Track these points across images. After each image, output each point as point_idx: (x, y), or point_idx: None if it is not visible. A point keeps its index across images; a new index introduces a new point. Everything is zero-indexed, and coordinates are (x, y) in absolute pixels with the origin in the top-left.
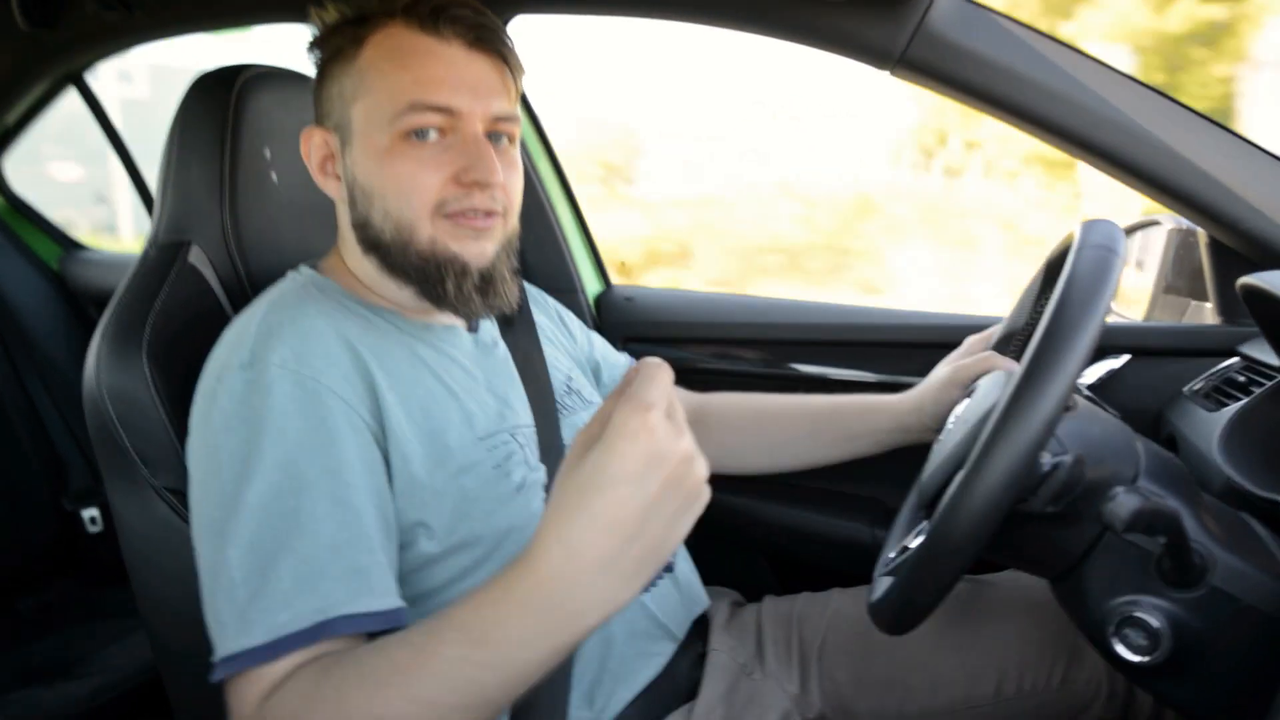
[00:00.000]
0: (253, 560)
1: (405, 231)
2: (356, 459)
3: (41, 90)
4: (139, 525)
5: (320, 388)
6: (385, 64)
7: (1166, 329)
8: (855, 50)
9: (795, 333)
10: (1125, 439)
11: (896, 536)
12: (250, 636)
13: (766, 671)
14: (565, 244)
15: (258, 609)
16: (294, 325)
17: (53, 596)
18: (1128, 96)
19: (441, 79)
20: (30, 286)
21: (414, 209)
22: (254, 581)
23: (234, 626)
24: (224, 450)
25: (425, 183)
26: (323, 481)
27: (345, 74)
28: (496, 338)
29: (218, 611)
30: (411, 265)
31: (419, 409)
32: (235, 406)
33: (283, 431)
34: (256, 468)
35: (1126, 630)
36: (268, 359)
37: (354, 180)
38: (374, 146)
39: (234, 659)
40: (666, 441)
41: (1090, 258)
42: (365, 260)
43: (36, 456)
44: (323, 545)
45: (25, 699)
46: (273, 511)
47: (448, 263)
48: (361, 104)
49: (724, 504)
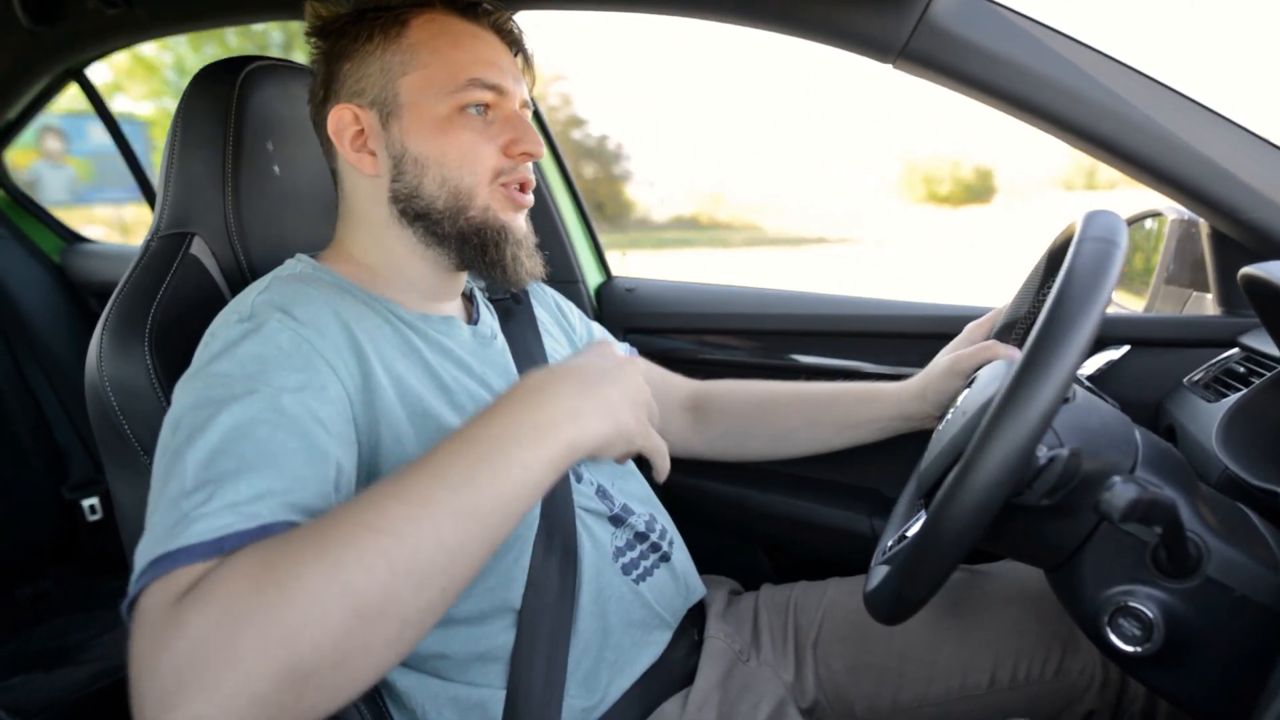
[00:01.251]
0: (210, 470)
1: (463, 198)
2: (335, 419)
3: (43, 85)
4: (139, 514)
5: (313, 351)
6: (438, 41)
7: (1167, 320)
8: (857, 44)
9: (795, 323)
10: (1123, 429)
11: (895, 525)
12: (187, 536)
13: (762, 659)
14: (566, 235)
15: (202, 512)
16: (294, 295)
17: (52, 584)
18: (1130, 87)
19: (493, 61)
20: (31, 278)
21: (476, 175)
22: (207, 489)
23: (164, 531)
24: (212, 377)
25: (485, 151)
26: (302, 424)
27: (389, 51)
28: (496, 330)
29: (152, 519)
30: (462, 232)
31: (413, 394)
32: (230, 346)
33: (273, 370)
34: (240, 396)
35: (1121, 620)
36: (269, 314)
37: (403, 151)
38: (430, 117)
39: (159, 560)
40: (627, 363)
41: (1090, 250)
42: (388, 237)
43: (37, 446)
44: (287, 475)
45: (25, 685)
46: (247, 434)
47: (499, 229)
48: (413, 78)
49: (723, 493)
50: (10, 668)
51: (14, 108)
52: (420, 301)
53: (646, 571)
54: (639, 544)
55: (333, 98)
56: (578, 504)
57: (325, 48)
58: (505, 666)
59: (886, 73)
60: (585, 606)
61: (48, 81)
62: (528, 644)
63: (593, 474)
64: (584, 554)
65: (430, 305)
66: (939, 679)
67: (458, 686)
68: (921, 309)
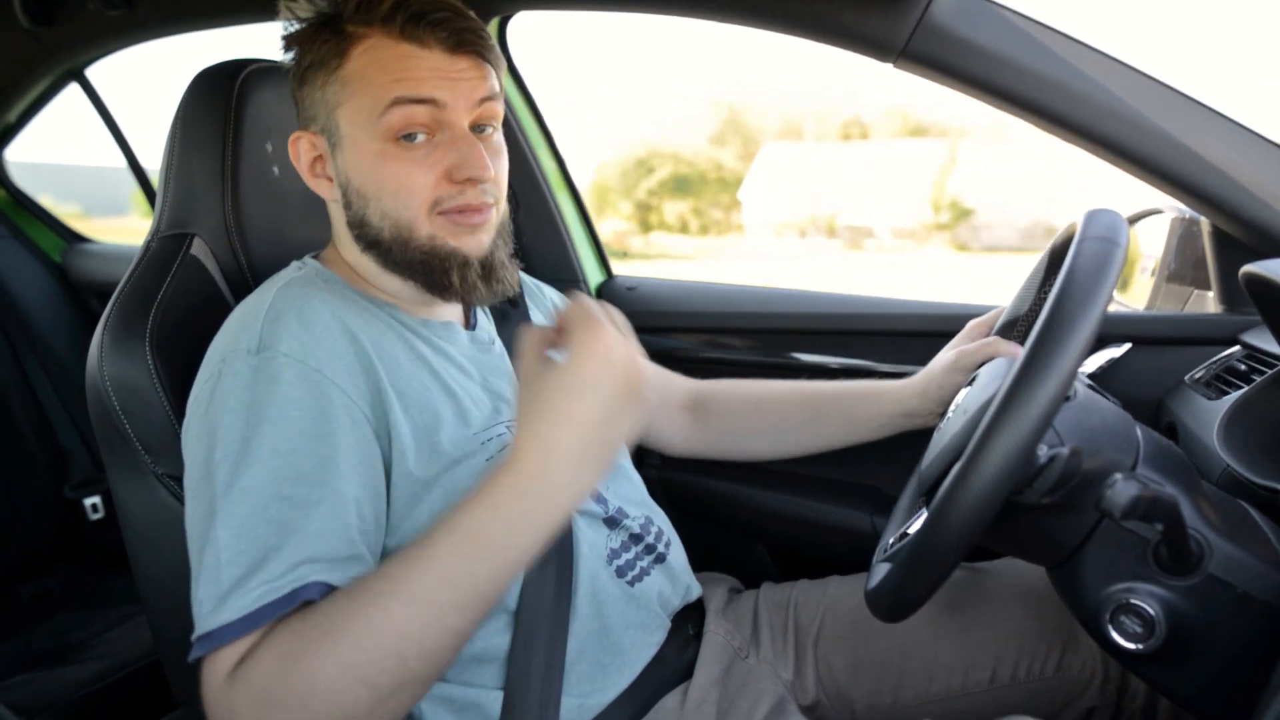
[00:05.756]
0: (241, 545)
1: (404, 230)
2: (352, 451)
3: (43, 86)
4: (140, 512)
5: (324, 380)
6: (369, 70)
7: (1168, 318)
8: (858, 43)
9: (796, 322)
10: (1124, 427)
11: (896, 523)
12: (227, 613)
13: (761, 656)
14: (567, 234)
15: (239, 591)
16: (301, 315)
17: (54, 583)
18: (1130, 86)
19: (424, 78)
20: (32, 278)
21: (411, 209)
22: (240, 565)
23: (210, 605)
24: (224, 430)
25: (419, 182)
26: (318, 473)
27: (329, 82)
28: (493, 335)
29: (199, 590)
30: (413, 261)
31: (415, 404)
32: (239, 391)
33: (284, 420)
34: (256, 453)
35: (1122, 617)
36: (275, 347)
37: (347, 182)
38: (364, 150)
39: (209, 636)
40: (617, 351)
41: (1091, 249)
42: (364, 257)
43: (38, 445)
44: (310, 534)
45: (26, 683)
46: (267, 497)
47: (449, 256)
48: (346, 109)
49: (723, 491)
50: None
51: (15, 109)
52: (418, 307)
53: (642, 573)
54: (634, 545)
55: (299, 121)
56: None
57: (292, 68)
58: (501, 667)
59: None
60: (581, 608)
61: (48, 82)
62: (524, 645)
63: None
64: (579, 557)
65: (428, 311)
66: (940, 676)
67: (453, 687)
68: (923, 307)
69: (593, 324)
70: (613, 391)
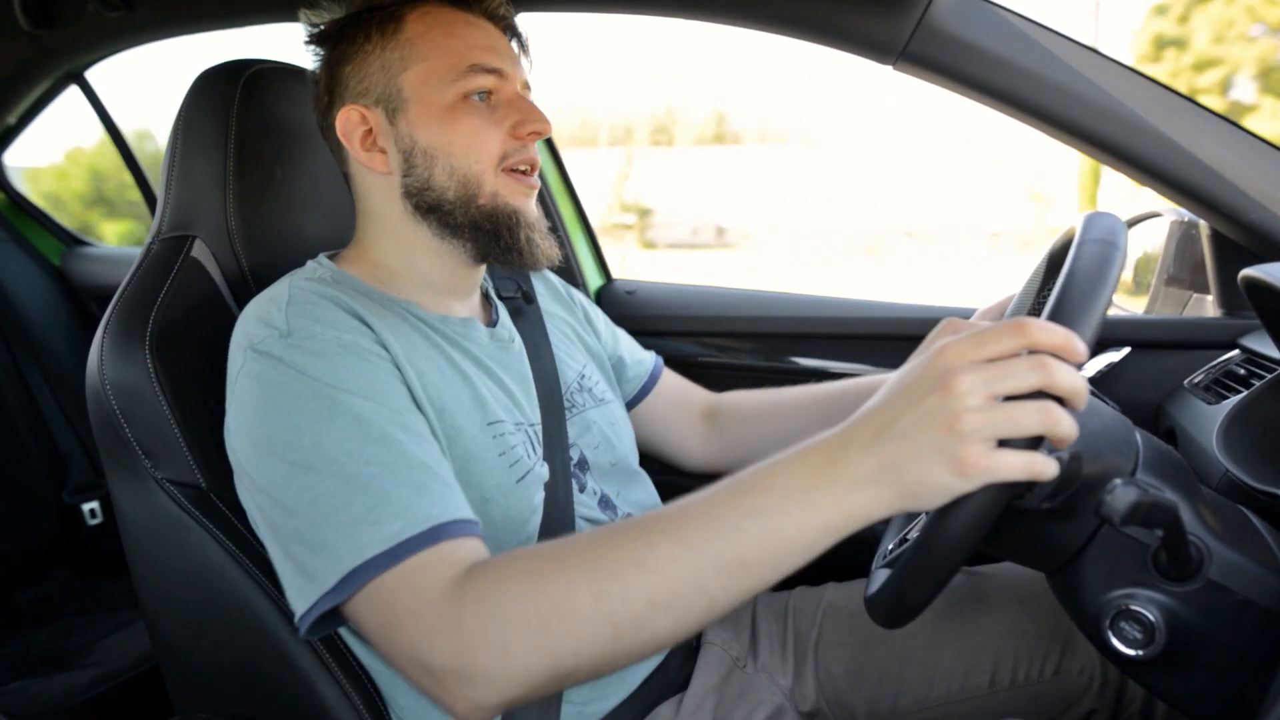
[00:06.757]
0: (354, 485)
1: (471, 186)
2: (410, 401)
3: (43, 89)
4: (140, 517)
5: (360, 346)
6: (435, 33)
7: (1167, 322)
8: (857, 45)
9: (796, 326)
10: (1124, 432)
11: (895, 528)
12: (373, 546)
13: (759, 665)
14: (566, 237)
15: (370, 521)
16: (319, 303)
17: (52, 588)
18: (1129, 89)
19: (490, 46)
20: (32, 282)
21: (481, 162)
22: (361, 500)
23: (348, 545)
24: (291, 408)
25: (490, 136)
26: (396, 417)
27: (388, 48)
28: (513, 333)
29: (321, 540)
30: (474, 221)
31: (433, 386)
32: (287, 369)
33: (344, 380)
34: (332, 416)
35: (1122, 623)
36: (307, 327)
37: (412, 144)
38: (435, 107)
39: (358, 572)
40: (954, 374)
41: (1090, 253)
42: (405, 234)
43: (37, 450)
44: (416, 464)
45: (24, 690)
46: (365, 441)
47: (512, 214)
48: (414, 71)
49: None
50: (10, 672)
51: (14, 111)
52: (439, 302)
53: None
54: None
55: (338, 101)
56: (579, 514)
57: (325, 54)
58: None
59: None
60: None
61: (48, 85)
62: None
63: (597, 483)
64: None
65: (449, 306)
66: (939, 681)
67: None
68: (923, 311)
69: (951, 334)
70: (919, 411)
